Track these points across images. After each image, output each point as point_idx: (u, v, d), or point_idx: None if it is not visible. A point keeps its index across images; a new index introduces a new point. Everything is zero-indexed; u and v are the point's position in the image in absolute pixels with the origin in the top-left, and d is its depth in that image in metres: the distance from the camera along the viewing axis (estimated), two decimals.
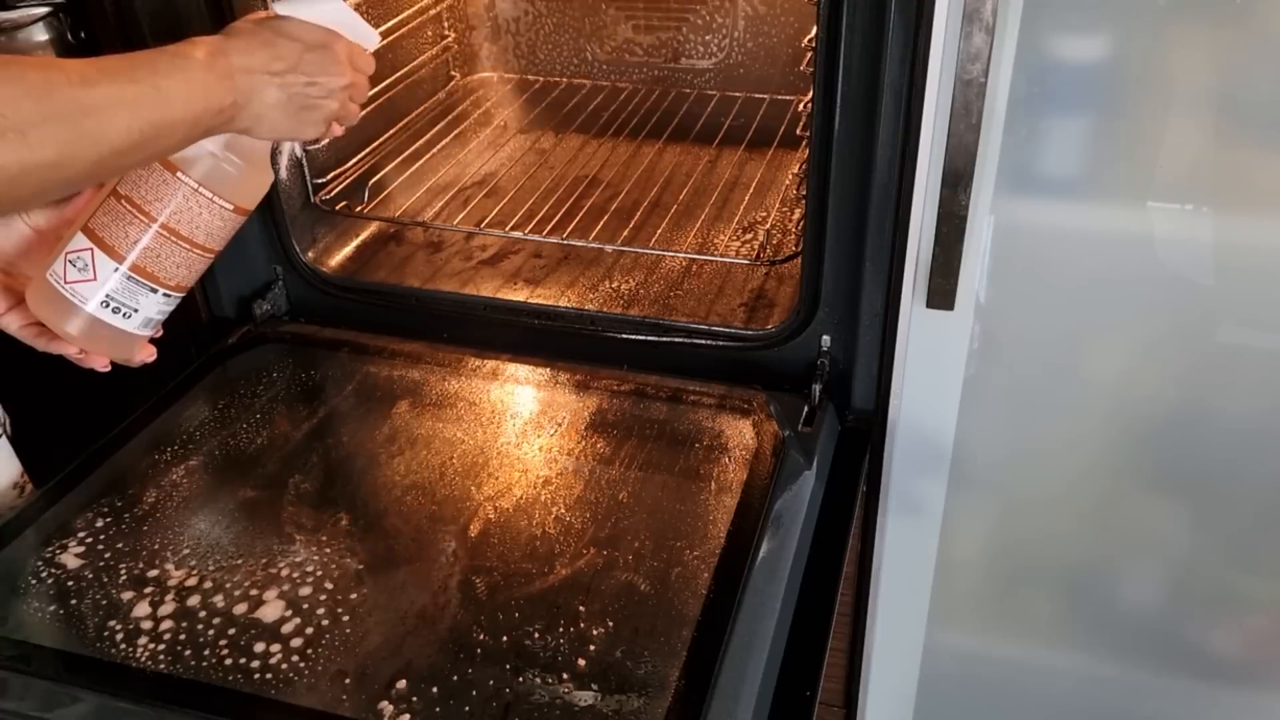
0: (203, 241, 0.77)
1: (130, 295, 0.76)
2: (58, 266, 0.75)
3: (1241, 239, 0.93)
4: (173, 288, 0.78)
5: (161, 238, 0.75)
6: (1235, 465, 1.04)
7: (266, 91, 0.73)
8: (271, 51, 0.73)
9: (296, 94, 0.75)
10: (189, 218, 0.76)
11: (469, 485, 0.98)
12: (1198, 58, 0.87)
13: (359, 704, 0.76)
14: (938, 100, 0.89)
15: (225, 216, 0.77)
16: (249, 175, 0.78)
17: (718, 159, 1.56)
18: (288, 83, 0.74)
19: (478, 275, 1.30)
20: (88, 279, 0.74)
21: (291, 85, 0.74)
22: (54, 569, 0.88)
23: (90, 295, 0.75)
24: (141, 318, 0.77)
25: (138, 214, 0.74)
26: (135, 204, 0.75)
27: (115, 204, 0.75)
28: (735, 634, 0.80)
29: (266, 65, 0.73)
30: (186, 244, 0.76)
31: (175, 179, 0.75)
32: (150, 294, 0.77)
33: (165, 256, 0.76)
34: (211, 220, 0.77)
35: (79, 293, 0.75)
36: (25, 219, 0.79)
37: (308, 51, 0.75)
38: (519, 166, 1.56)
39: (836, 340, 1.07)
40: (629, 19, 1.64)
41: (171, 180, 0.75)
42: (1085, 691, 1.24)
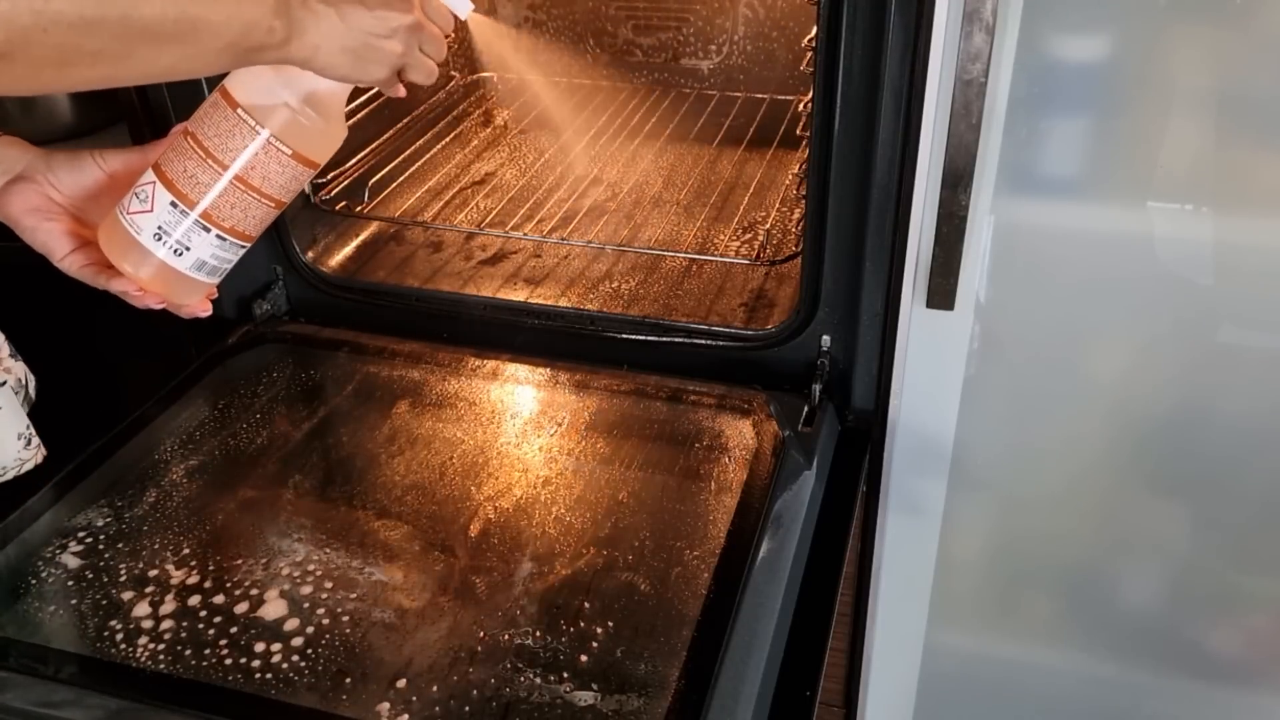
0: (258, 185, 0.75)
1: (185, 233, 0.74)
2: (125, 199, 0.75)
3: (1241, 239, 0.94)
4: (228, 231, 0.76)
5: (216, 172, 0.74)
6: (1235, 465, 1.04)
7: (323, 20, 0.69)
8: None
9: (356, 27, 0.71)
10: (251, 162, 0.74)
11: (469, 485, 0.98)
12: (1198, 58, 0.87)
13: (359, 704, 0.76)
14: (938, 100, 0.89)
15: (284, 163, 0.75)
16: (319, 126, 0.75)
17: (718, 159, 1.56)
18: (347, 13, 0.70)
19: (478, 275, 1.30)
20: (145, 210, 0.74)
21: (351, 17, 0.70)
22: (54, 569, 0.88)
23: (145, 226, 0.74)
24: (194, 258, 0.76)
25: (199, 151, 0.74)
26: (200, 142, 0.74)
27: (183, 141, 0.75)
28: (735, 634, 0.80)
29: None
30: (245, 188, 0.75)
31: (236, 115, 0.73)
32: (204, 233, 0.75)
33: (223, 197, 0.74)
34: (269, 164, 0.74)
35: (136, 223, 0.74)
36: (100, 161, 0.78)
37: None
38: (519, 166, 1.57)
39: (836, 340, 1.07)
40: (629, 19, 1.64)
41: (235, 119, 0.73)
42: (1085, 691, 1.24)
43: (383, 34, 0.72)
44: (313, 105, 0.74)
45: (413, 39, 0.75)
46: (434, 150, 1.56)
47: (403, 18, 0.73)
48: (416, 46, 0.76)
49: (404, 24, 0.74)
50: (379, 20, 0.72)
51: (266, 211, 0.77)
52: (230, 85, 0.73)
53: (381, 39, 0.73)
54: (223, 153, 0.73)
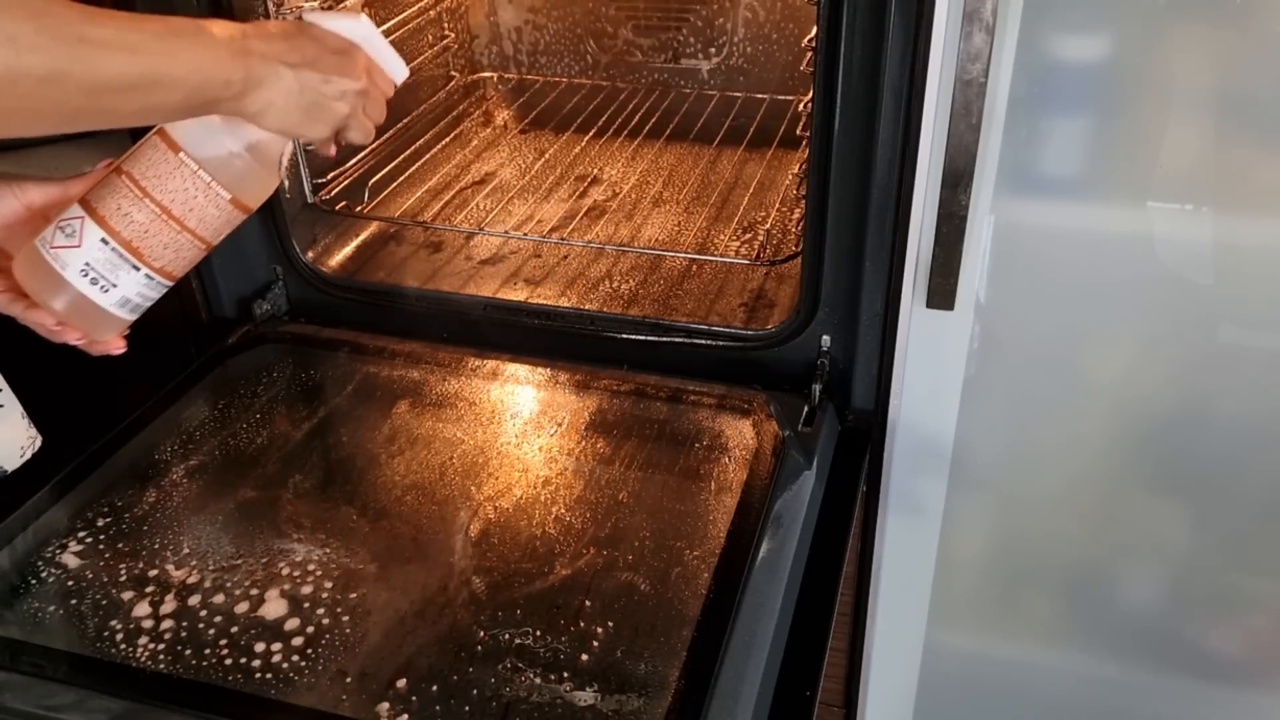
0: (194, 226, 0.75)
1: (112, 269, 0.74)
2: (48, 232, 0.75)
3: (1241, 239, 0.94)
4: (156, 270, 0.76)
5: (154, 216, 0.74)
6: (1235, 465, 1.04)
7: (280, 80, 0.72)
8: (292, 44, 0.73)
9: (309, 88, 0.74)
10: (185, 202, 0.74)
11: (469, 485, 0.98)
12: (1198, 58, 0.87)
13: (359, 704, 0.76)
14: (938, 100, 0.89)
15: (222, 206, 0.76)
16: (255, 172, 0.77)
17: (718, 159, 1.56)
18: (302, 75, 0.73)
19: (478, 275, 1.30)
20: (72, 245, 0.73)
21: (306, 78, 0.73)
22: (54, 569, 0.88)
23: (71, 261, 0.73)
24: (119, 295, 0.75)
25: (135, 189, 0.74)
26: (135, 180, 0.74)
27: (114, 177, 0.74)
28: (735, 634, 0.80)
29: (284, 55, 0.72)
30: (178, 226, 0.75)
31: (179, 160, 0.74)
32: (132, 271, 0.75)
33: (154, 236, 0.74)
34: (207, 207, 0.75)
35: (61, 258, 0.74)
36: (17, 194, 0.78)
37: (328, 53, 0.75)
38: (519, 166, 1.57)
39: (836, 340, 1.07)
40: (629, 19, 1.64)
41: (174, 160, 0.74)
42: (1085, 691, 1.24)
43: (333, 96, 0.75)
44: (253, 152, 0.76)
45: (359, 102, 0.78)
46: (434, 150, 1.56)
47: (354, 83, 0.76)
48: (361, 109, 0.79)
49: (354, 89, 0.77)
50: (331, 84, 0.75)
51: (197, 253, 0.78)
52: (171, 128, 0.74)
53: (331, 101, 0.76)
54: (161, 193, 0.74)
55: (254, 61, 0.70)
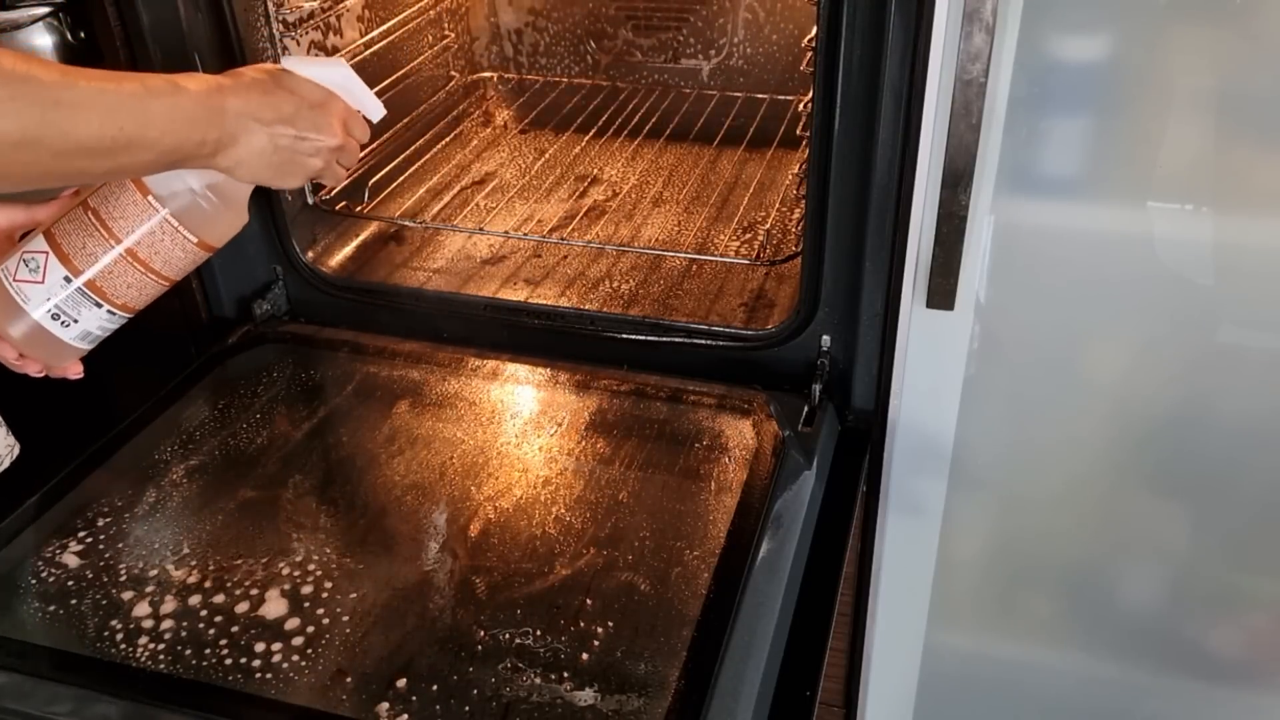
0: (160, 269, 0.76)
1: (74, 306, 0.75)
2: (10, 263, 0.75)
3: (1241, 239, 0.93)
4: (119, 307, 0.77)
5: (119, 258, 0.75)
6: (1235, 465, 1.04)
7: (253, 137, 0.73)
8: (268, 100, 0.73)
9: (284, 146, 0.75)
10: (151, 244, 0.75)
11: (469, 485, 0.98)
12: (1198, 58, 0.87)
13: (359, 703, 0.76)
14: (938, 100, 0.89)
15: (188, 249, 0.77)
16: (222, 215, 0.77)
17: (718, 159, 1.56)
18: (276, 133, 0.74)
19: (478, 275, 1.30)
20: (36, 281, 0.74)
21: (280, 136, 0.74)
22: (54, 569, 0.88)
23: (33, 296, 0.74)
24: (80, 329, 0.76)
25: (101, 229, 0.74)
26: (101, 219, 0.74)
27: (81, 214, 0.75)
28: (735, 634, 0.80)
29: (258, 112, 0.73)
30: (143, 269, 0.76)
31: (146, 202, 0.74)
32: (95, 308, 0.76)
33: (118, 276, 0.75)
34: (173, 250, 0.76)
35: (24, 292, 0.74)
36: None
37: (304, 108, 0.75)
38: (519, 166, 1.57)
39: (836, 340, 1.07)
40: (629, 19, 1.64)
41: (142, 203, 0.74)
42: (1085, 691, 1.24)
43: (307, 153, 0.76)
44: (217, 193, 0.76)
45: (332, 156, 0.79)
46: (434, 150, 1.56)
47: (329, 140, 0.77)
48: (334, 160, 0.80)
49: (329, 145, 0.77)
50: (306, 141, 0.76)
51: (159, 289, 0.78)
52: None
53: (305, 157, 0.76)
54: (125, 232, 0.74)
55: (229, 120, 0.71)
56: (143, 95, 0.66)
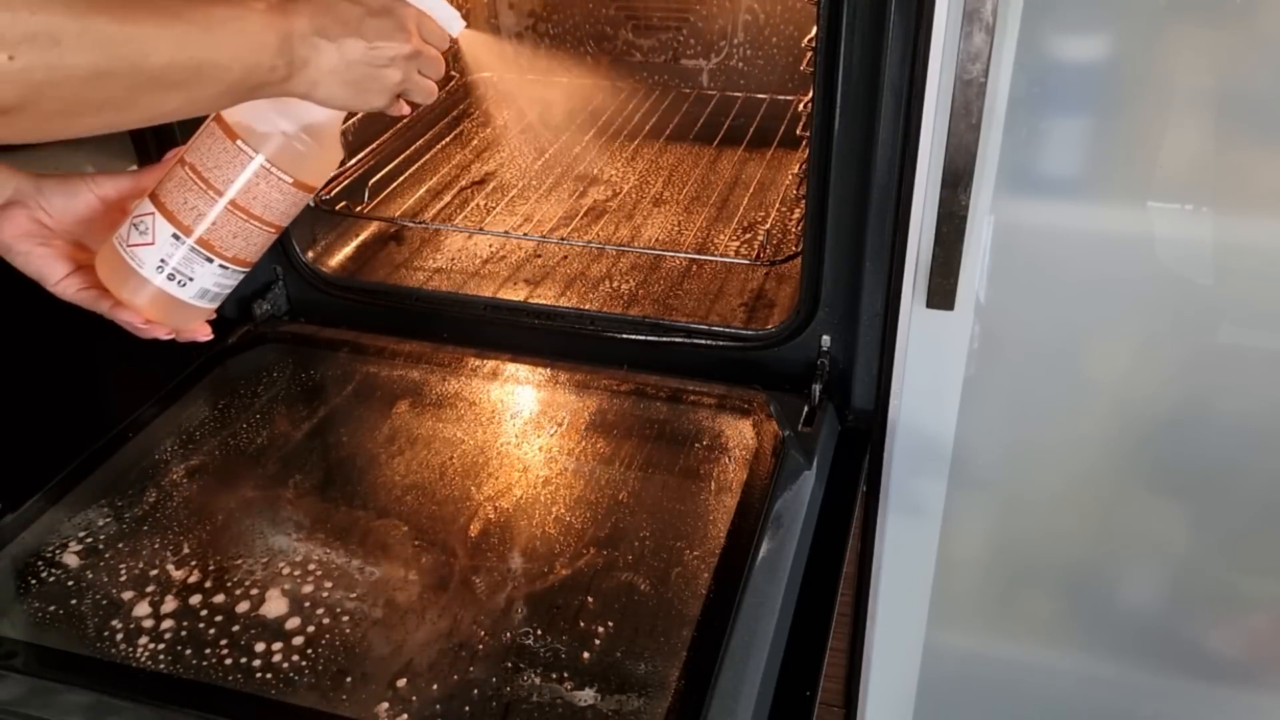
0: (261, 214, 0.75)
1: (187, 264, 0.75)
2: (123, 230, 0.75)
3: (1241, 239, 0.94)
4: (230, 260, 0.76)
5: (217, 205, 0.74)
6: (1235, 465, 1.04)
7: (323, 56, 0.70)
8: (332, 15, 0.71)
9: (355, 60, 0.72)
10: (249, 190, 0.74)
11: (469, 485, 0.98)
12: (1198, 58, 0.87)
13: (359, 703, 0.76)
14: (938, 100, 0.89)
15: (285, 191, 0.75)
16: (315, 152, 0.76)
17: (718, 159, 1.56)
18: (345, 47, 0.71)
19: (478, 275, 1.30)
20: (146, 243, 0.74)
21: (349, 50, 0.71)
22: (54, 569, 0.88)
23: (147, 259, 0.74)
24: (197, 288, 0.76)
25: (199, 182, 0.74)
26: (199, 172, 0.74)
27: (180, 171, 0.74)
28: (735, 634, 0.80)
29: (325, 29, 0.70)
30: (245, 216, 0.75)
31: (237, 148, 0.73)
32: (206, 263, 0.75)
33: (223, 227, 0.74)
34: (272, 195, 0.75)
35: (137, 256, 0.74)
36: (92, 186, 0.78)
37: (370, 16, 0.72)
38: (519, 166, 1.56)
39: (836, 340, 1.07)
40: (629, 19, 1.64)
41: (234, 150, 0.73)
42: (1085, 691, 1.24)
43: (380, 64, 0.73)
44: (309, 132, 0.75)
45: (410, 65, 0.76)
46: (434, 150, 1.56)
47: (400, 47, 0.74)
48: (415, 71, 0.77)
49: (401, 53, 0.74)
50: (377, 51, 0.73)
51: (267, 237, 0.78)
52: (227, 114, 0.73)
53: (380, 69, 0.74)
54: (222, 183, 0.74)
55: (296, 41, 0.69)
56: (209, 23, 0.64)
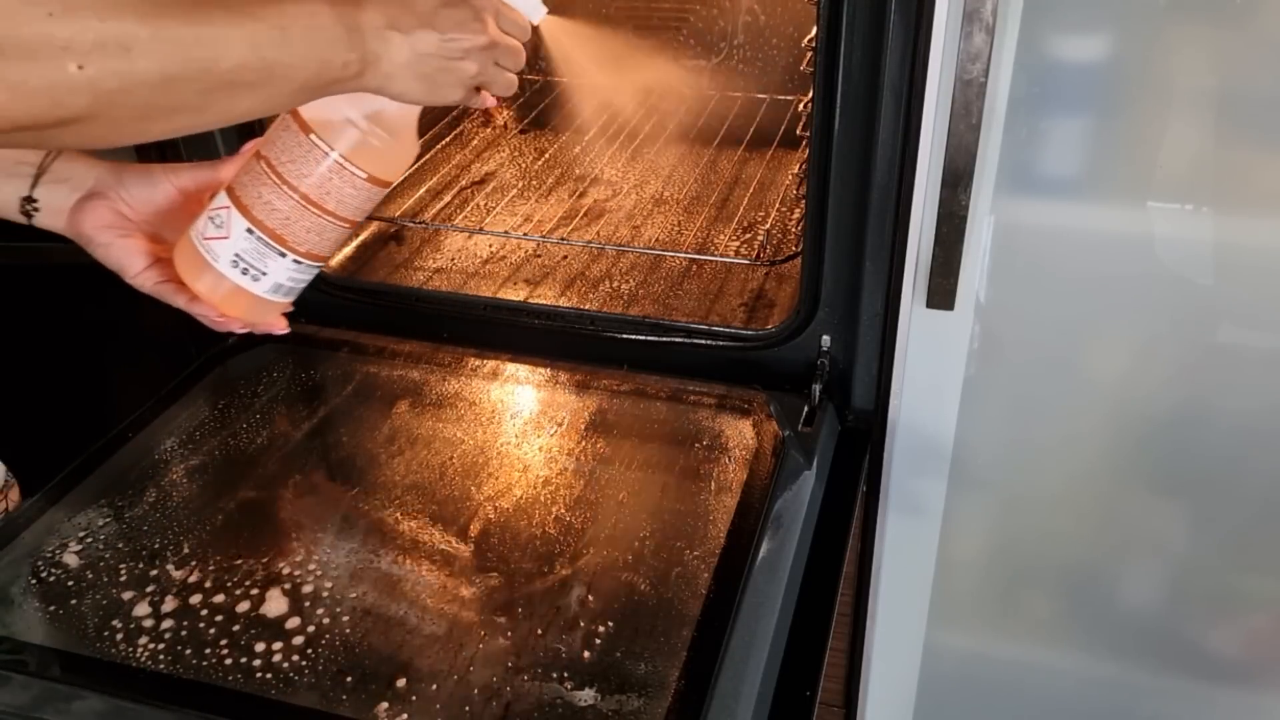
0: (335, 210, 0.74)
1: (259, 258, 0.74)
2: (200, 223, 0.75)
3: (1241, 239, 0.94)
4: (303, 255, 0.75)
5: (291, 200, 0.73)
6: (1235, 465, 1.04)
7: (395, 50, 0.68)
8: (404, 6, 0.69)
9: (428, 53, 0.70)
10: (323, 185, 0.73)
11: (469, 485, 0.98)
12: (1198, 58, 0.87)
13: (359, 703, 0.76)
14: (938, 100, 0.89)
15: (359, 186, 0.74)
16: (391, 147, 0.75)
17: (718, 159, 1.56)
18: (418, 40, 0.69)
19: (478, 275, 1.30)
20: (222, 236, 0.74)
21: (422, 43, 0.69)
22: (54, 569, 0.88)
23: (222, 253, 0.74)
24: (271, 282, 0.76)
25: (274, 176, 0.73)
26: (273, 166, 0.73)
27: (255, 164, 0.74)
28: (735, 634, 0.80)
29: (396, 21, 0.68)
30: (319, 211, 0.74)
31: (311, 143, 0.72)
32: (280, 258, 0.75)
33: (297, 222, 0.74)
34: (346, 190, 0.74)
35: (212, 250, 0.74)
36: (171, 177, 0.78)
37: (444, 7, 0.70)
38: (519, 166, 1.57)
39: (836, 340, 1.07)
40: (629, 19, 1.64)
41: (308, 144, 0.72)
42: (1085, 691, 1.24)
43: (455, 56, 0.71)
44: (384, 126, 0.73)
45: (487, 57, 0.73)
46: (434, 150, 1.56)
47: (475, 39, 0.72)
48: (492, 62, 0.74)
49: (477, 44, 0.72)
50: (451, 44, 0.70)
51: (341, 232, 0.77)
52: (302, 108, 0.72)
53: (454, 61, 0.71)
54: (297, 178, 0.73)
55: (368, 36, 0.67)
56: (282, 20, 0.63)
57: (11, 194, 0.77)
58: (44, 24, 0.53)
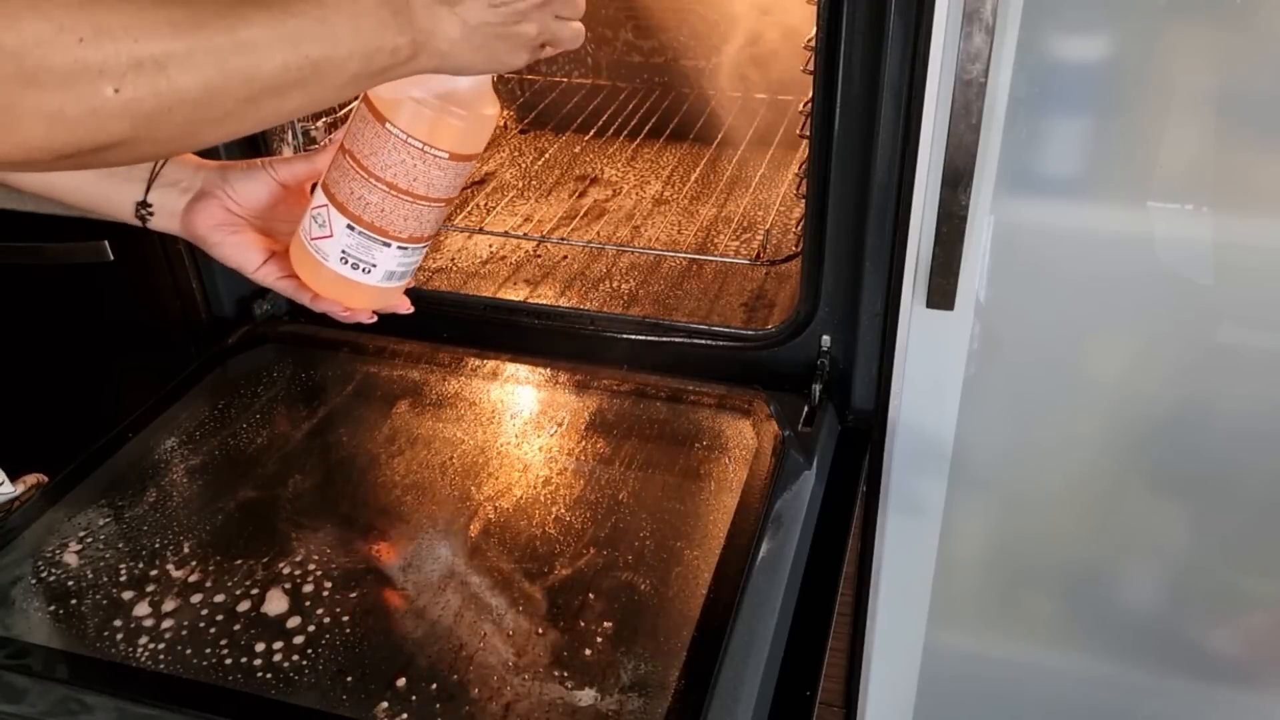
0: (424, 193, 0.73)
1: (364, 250, 0.74)
2: (305, 222, 0.75)
3: (1241, 239, 0.94)
4: (408, 240, 0.75)
5: (380, 191, 0.72)
6: (1235, 465, 1.04)
7: (445, 25, 0.65)
8: None
9: (479, 24, 0.66)
10: (403, 169, 0.72)
11: (469, 485, 0.98)
12: (1198, 58, 0.87)
13: (359, 703, 0.76)
14: (938, 100, 0.89)
15: (444, 165, 0.72)
16: (465, 119, 0.72)
17: (718, 159, 1.56)
18: (467, 10, 0.66)
19: (478, 275, 1.30)
20: (325, 235, 0.74)
21: (472, 13, 0.66)
22: (54, 569, 0.88)
23: (330, 251, 0.74)
24: (382, 271, 0.75)
25: (357, 168, 0.72)
26: (356, 159, 0.72)
27: (341, 158, 0.73)
28: (735, 634, 0.80)
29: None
30: (409, 197, 0.73)
31: (384, 129, 0.71)
32: (384, 248, 0.74)
33: (392, 211, 0.73)
34: (430, 171, 0.72)
35: (320, 249, 0.74)
36: (271, 171, 0.78)
37: None
38: (519, 166, 1.57)
39: (836, 340, 1.07)
40: (629, 19, 1.64)
41: (384, 133, 0.71)
42: (1085, 691, 1.24)
43: (511, 21, 0.68)
44: (457, 102, 0.71)
45: (545, 13, 0.70)
46: None
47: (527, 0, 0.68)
48: (551, 17, 0.71)
49: (530, 5, 0.68)
50: (503, 9, 0.67)
51: (438, 211, 0.76)
52: (372, 94, 0.71)
53: (510, 27, 0.68)
54: (380, 168, 0.72)
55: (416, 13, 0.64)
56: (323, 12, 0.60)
57: (127, 199, 0.77)
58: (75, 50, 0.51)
